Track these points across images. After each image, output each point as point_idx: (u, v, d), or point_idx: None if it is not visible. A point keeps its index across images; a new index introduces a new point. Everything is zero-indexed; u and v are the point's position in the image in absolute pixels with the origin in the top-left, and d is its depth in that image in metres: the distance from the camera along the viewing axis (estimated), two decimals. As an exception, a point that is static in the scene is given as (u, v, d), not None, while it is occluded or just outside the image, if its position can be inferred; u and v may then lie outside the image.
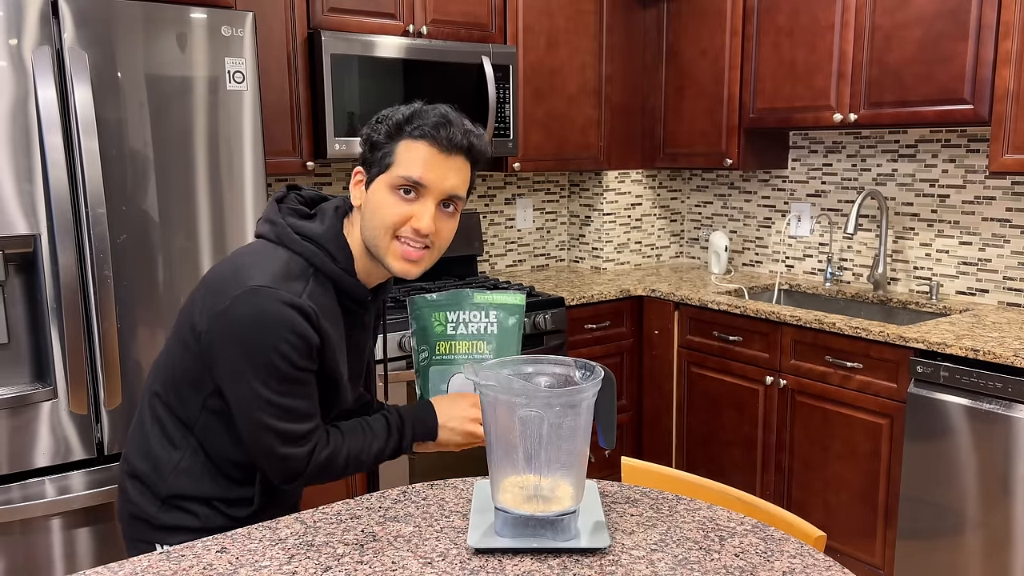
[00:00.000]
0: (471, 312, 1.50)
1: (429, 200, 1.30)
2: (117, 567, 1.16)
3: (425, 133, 1.29)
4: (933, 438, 2.47)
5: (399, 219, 1.30)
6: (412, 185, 1.29)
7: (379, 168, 1.32)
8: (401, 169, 1.29)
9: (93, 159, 2.05)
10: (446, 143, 1.29)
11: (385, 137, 1.31)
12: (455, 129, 1.31)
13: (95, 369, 2.15)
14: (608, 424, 1.32)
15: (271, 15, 2.69)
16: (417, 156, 1.29)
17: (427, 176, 1.29)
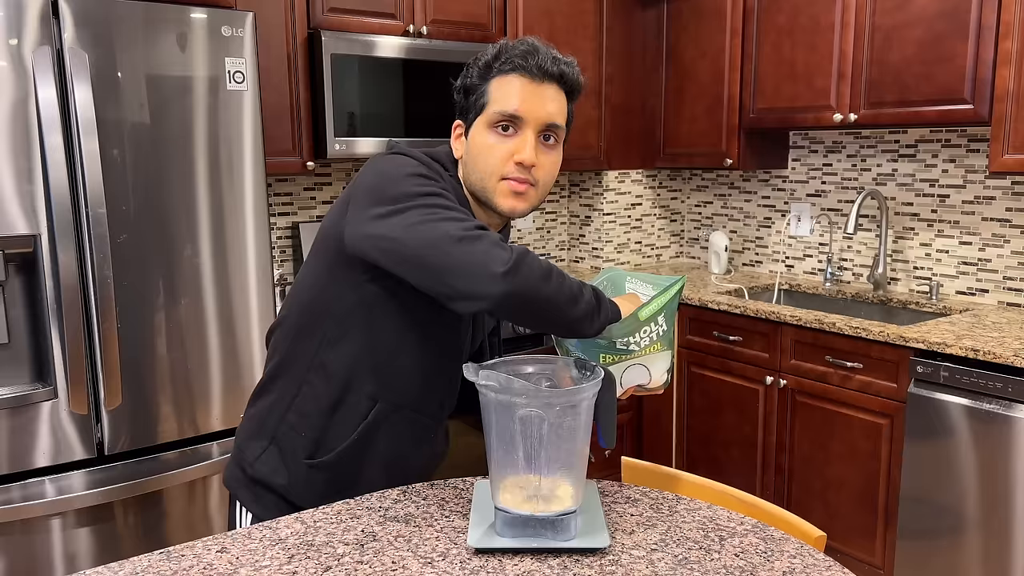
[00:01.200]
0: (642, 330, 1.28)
1: (528, 131, 1.29)
2: (117, 567, 1.16)
3: (515, 65, 1.28)
4: (933, 438, 2.47)
5: (502, 156, 1.29)
6: (509, 119, 1.28)
7: (475, 112, 1.32)
8: (496, 105, 1.29)
9: (93, 159, 2.05)
10: (537, 71, 1.28)
11: (477, 79, 1.32)
12: (543, 57, 1.29)
13: (95, 369, 2.15)
14: (608, 424, 1.32)
15: (271, 15, 2.69)
16: (511, 89, 1.28)
17: (523, 107, 1.28)
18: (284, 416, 1.39)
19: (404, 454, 1.43)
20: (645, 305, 1.28)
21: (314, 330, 1.35)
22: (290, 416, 1.38)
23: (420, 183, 1.23)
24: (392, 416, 1.38)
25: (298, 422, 1.38)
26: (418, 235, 1.18)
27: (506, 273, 1.13)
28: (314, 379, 1.36)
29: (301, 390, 1.37)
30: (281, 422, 1.39)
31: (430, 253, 1.17)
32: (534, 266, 1.17)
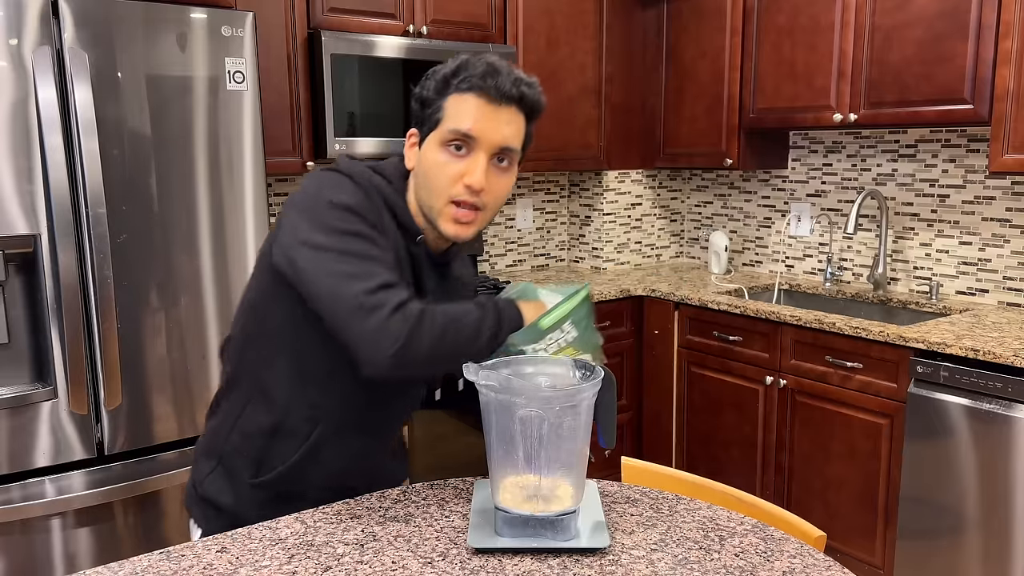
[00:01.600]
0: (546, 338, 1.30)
1: (481, 153, 1.26)
2: (117, 567, 1.16)
3: (473, 84, 1.25)
4: (933, 438, 2.47)
5: (452, 176, 1.26)
6: (462, 138, 1.25)
7: (429, 126, 1.28)
8: (450, 123, 1.25)
9: (93, 159, 2.05)
10: (495, 92, 1.24)
11: (434, 93, 1.28)
12: (503, 78, 1.25)
13: (95, 369, 2.15)
14: (608, 424, 1.32)
15: (271, 15, 2.69)
16: (467, 108, 1.25)
17: (477, 127, 1.24)
18: (228, 437, 1.37)
19: (350, 470, 1.41)
20: (547, 314, 1.29)
21: (254, 349, 1.34)
22: (234, 437, 1.37)
23: (347, 220, 1.20)
24: (334, 438, 1.36)
25: (241, 443, 1.36)
26: (326, 284, 1.18)
27: (395, 354, 1.15)
28: (256, 400, 1.35)
29: (244, 411, 1.36)
30: (226, 443, 1.37)
31: (333, 308, 1.18)
32: (428, 333, 1.17)
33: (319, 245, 1.19)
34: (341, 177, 1.26)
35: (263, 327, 1.33)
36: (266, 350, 1.33)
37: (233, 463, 1.37)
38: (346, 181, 1.26)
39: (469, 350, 1.22)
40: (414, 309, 1.17)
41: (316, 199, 1.22)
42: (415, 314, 1.17)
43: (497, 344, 1.26)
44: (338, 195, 1.22)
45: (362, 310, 1.15)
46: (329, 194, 1.22)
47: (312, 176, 1.28)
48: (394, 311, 1.16)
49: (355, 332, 1.16)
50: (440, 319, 1.19)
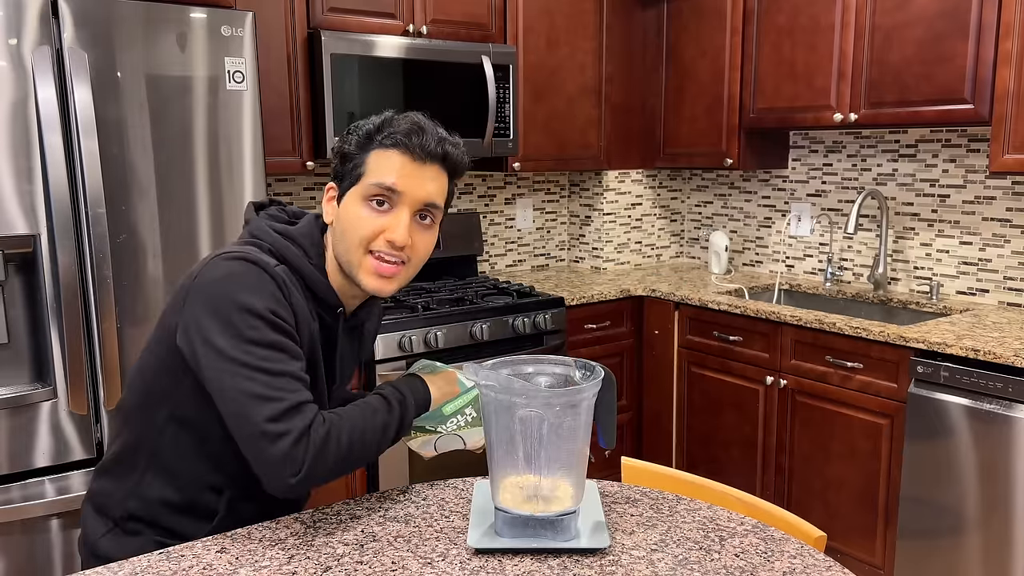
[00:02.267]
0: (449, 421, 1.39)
1: (404, 210, 1.25)
2: (117, 567, 1.16)
3: (397, 141, 1.24)
4: (933, 438, 2.47)
5: (372, 231, 1.25)
6: (385, 194, 1.24)
7: (350, 180, 1.27)
8: (373, 177, 1.24)
9: (93, 159, 2.05)
10: (419, 151, 1.25)
11: (356, 148, 1.27)
12: (428, 136, 1.26)
13: (95, 369, 2.15)
14: (608, 424, 1.32)
15: (271, 15, 2.69)
16: (389, 164, 1.24)
17: (400, 183, 1.24)
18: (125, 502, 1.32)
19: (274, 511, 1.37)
20: (450, 402, 1.38)
21: (150, 417, 1.30)
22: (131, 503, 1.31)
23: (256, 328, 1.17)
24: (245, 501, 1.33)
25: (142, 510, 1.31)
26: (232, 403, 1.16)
27: (296, 483, 1.15)
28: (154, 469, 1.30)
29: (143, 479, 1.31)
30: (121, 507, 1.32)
31: (237, 427, 1.17)
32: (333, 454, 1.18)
33: (227, 355, 1.16)
34: (251, 269, 1.20)
35: (161, 397, 1.28)
36: (163, 420, 1.29)
37: (133, 526, 1.32)
38: (258, 276, 1.20)
39: (374, 454, 1.26)
40: (318, 435, 1.16)
41: (225, 298, 1.18)
42: (319, 440, 1.16)
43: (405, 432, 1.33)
44: (248, 297, 1.18)
45: (266, 437, 1.14)
46: (239, 295, 1.18)
47: (219, 265, 1.21)
48: (298, 440, 1.14)
49: (258, 458, 1.15)
50: (346, 436, 1.20)
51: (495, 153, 3.16)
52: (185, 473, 1.30)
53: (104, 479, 1.36)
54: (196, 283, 1.21)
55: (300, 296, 1.28)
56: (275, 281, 1.22)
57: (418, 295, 3.05)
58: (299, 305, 1.26)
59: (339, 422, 1.20)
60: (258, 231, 1.30)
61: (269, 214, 1.35)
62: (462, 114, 3.04)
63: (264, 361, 1.17)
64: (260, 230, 1.30)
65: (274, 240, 1.29)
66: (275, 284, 1.22)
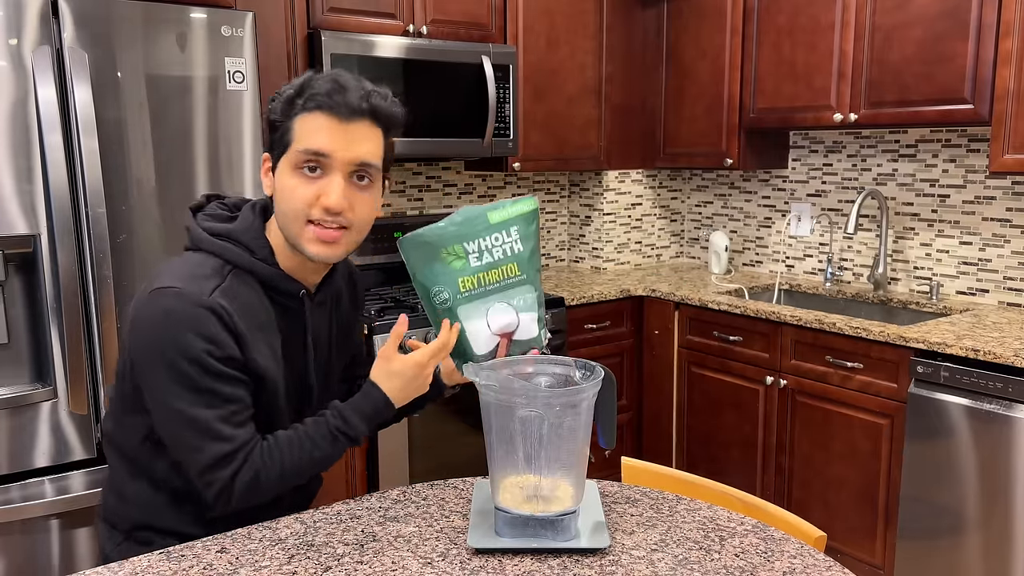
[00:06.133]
0: (492, 235, 1.27)
1: (336, 174, 1.20)
2: (117, 567, 1.16)
3: (319, 103, 1.19)
4: (933, 438, 2.47)
5: (307, 201, 1.21)
6: (314, 159, 1.20)
7: (280, 149, 1.23)
8: (300, 143, 1.20)
9: (93, 159, 2.05)
10: (344, 109, 1.19)
11: (280, 115, 1.22)
12: (351, 93, 1.20)
13: (95, 369, 2.15)
14: (608, 424, 1.32)
15: (271, 15, 2.69)
16: (315, 127, 1.19)
17: (328, 146, 1.19)
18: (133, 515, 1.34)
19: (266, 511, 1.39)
20: (495, 209, 1.26)
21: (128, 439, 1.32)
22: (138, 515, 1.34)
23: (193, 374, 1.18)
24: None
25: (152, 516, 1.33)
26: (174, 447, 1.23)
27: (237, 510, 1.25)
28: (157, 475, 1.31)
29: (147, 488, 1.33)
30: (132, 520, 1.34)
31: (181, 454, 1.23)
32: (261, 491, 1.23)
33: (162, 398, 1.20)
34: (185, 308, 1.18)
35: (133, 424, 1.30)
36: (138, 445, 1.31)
37: (143, 535, 1.33)
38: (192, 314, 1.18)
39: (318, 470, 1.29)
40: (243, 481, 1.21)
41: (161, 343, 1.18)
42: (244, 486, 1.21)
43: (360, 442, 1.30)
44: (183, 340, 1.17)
45: (200, 480, 1.22)
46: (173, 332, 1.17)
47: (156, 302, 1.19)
48: (222, 489, 1.21)
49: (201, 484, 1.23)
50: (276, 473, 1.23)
51: (495, 153, 3.16)
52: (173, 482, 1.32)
53: (108, 495, 1.38)
54: (135, 317, 1.22)
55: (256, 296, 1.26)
56: (213, 313, 1.19)
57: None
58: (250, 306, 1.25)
59: (269, 463, 1.23)
60: (198, 239, 1.28)
61: (207, 214, 1.32)
62: (462, 114, 3.04)
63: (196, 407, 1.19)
64: (199, 238, 1.28)
65: (213, 245, 1.26)
66: (213, 317, 1.19)
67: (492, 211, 1.27)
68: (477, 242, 1.27)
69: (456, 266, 1.28)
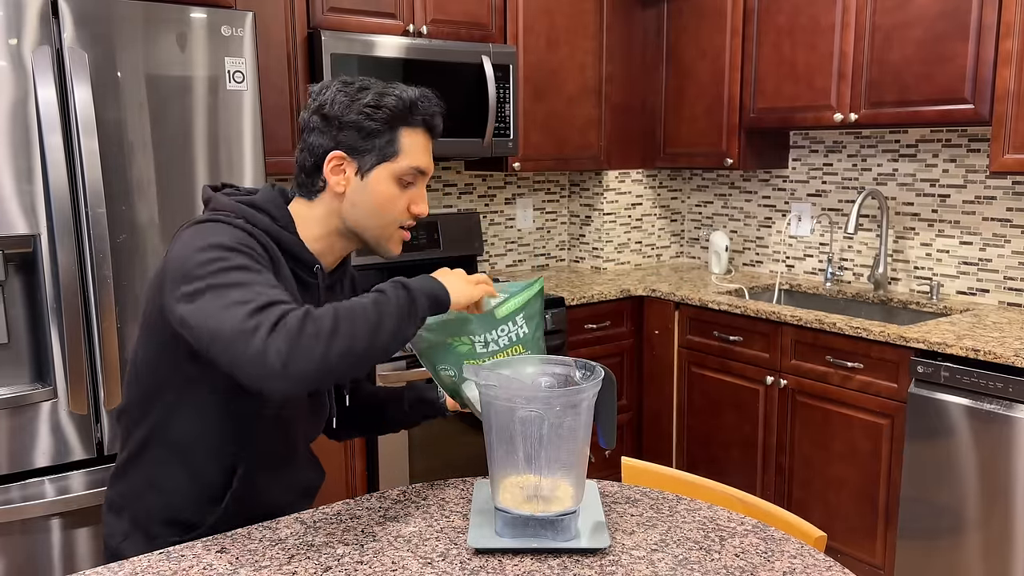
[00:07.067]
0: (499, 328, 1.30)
1: (423, 183, 1.35)
2: (117, 567, 1.16)
3: (427, 123, 1.32)
4: (933, 438, 2.47)
5: (405, 208, 1.34)
6: (419, 176, 1.33)
7: (380, 156, 1.28)
8: (409, 159, 1.31)
9: (93, 159, 2.05)
10: (438, 132, 1.35)
11: (383, 124, 1.28)
12: (439, 118, 1.35)
13: (95, 369, 2.15)
14: (608, 424, 1.32)
15: (271, 15, 2.69)
16: (420, 145, 1.32)
17: (429, 166, 1.34)
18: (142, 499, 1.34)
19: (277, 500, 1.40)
20: (503, 302, 1.30)
21: (154, 411, 1.31)
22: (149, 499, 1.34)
23: (218, 258, 1.16)
24: (253, 479, 1.34)
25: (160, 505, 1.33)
26: (208, 326, 1.11)
27: (282, 370, 1.07)
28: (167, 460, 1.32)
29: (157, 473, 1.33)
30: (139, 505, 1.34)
31: (218, 346, 1.11)
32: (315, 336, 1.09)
33: (195, 292, 1.14)
34: (216, 224, 1.24)
35: (160, 388, 1.30)
36: (166, 410, 1.30)
37: (151, 527, 1.33)
38: (220, 226, 1.23)
39: (377, 339, 1.14)
40: (294, 318, 1.09)
41: (186, 251, 1.19)
42: (296, 322, 1.09)
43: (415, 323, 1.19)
44: (216, 238, 1.20)
45: (242, 336, 1.08)
46: (198, 241, 1.19)
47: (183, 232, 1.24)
48: (273, 328, 1.08)
49: (241, 361, 1.09)
50: (329, 319, 1.11)
51: (495, 153, 3.16)
52: (196, 455, 1.31)
53: (119, 482, 1.37)
54: (169, 258, 1.22)
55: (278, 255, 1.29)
56: (247, 234, 1.24)
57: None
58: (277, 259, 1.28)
59: (321, 309, 1.14)
60: (221, 205, 1.30)
61: (226, 193, 1.36)
62: (462, 114, 3.04)
63: (229, 278, 1.14)
64: (223, 204, 1.30)
65: (238, 209, 1.28)
66: (246, 235, 1.23)
67: (499, 306, 1.30)
68: (483, 335, 1.30)
69: (462, 351, 1.31)
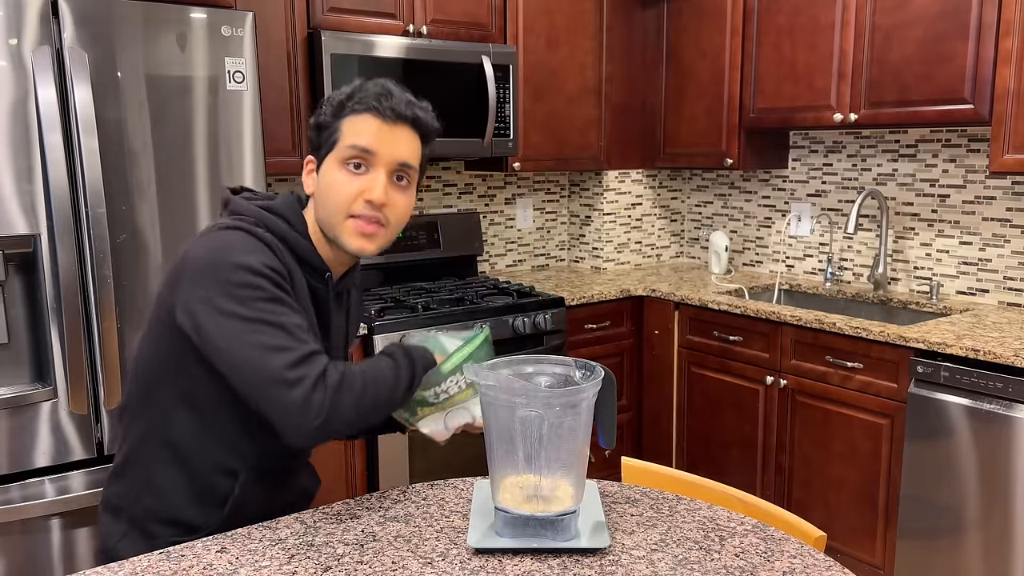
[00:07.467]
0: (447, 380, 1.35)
1: (380, 170, 1.29)
2: (117, 567, 1.16)
3: (368, 106, 1.29)
4: (933, 438, 2.47)
5: (352, 194, 1.28)
6: (361, 155, 1.28)
7: (327, 148, 1.31)
8: (348, 140, 1.28)
9: (93, 159, 2.05)
10: (390, 113, 1.29)
11: (330, 116, 1.31)
12: (397, 99, 1.30)
13: (95, 369, 2.15)
14: (608, 424, 1.32)
15: (271, 15, 2.69)
16: (364, 127, 1.28)
17: (374, 143, 1.28)
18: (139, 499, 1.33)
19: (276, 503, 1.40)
20: (447, 360, 1.34)
21: (157, 411, 1.31)
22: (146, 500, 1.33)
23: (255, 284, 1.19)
24: (255, 485, 1.35)
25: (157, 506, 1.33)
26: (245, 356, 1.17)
27: (319, 427, 1.16)
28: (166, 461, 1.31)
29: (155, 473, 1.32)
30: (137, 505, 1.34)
31: (252, 380, 1.17)
32: (349, 399, 1.19)
33: (233, 314, 1.17)
34: (241, 235, 1.25)
35: (166, 382, 1.30)
36: (169, 411, 1.30)
37: (149, 526, 1.33)
38: (248, 240, 1.25)
39: (390, 404, 1.26)
40: (334, 378, 1.18)
41: (222, 263, 1.20)
42: (335, 383, 1.18)
43: (414, 389, 1.30)
44: (242, 256, 1.21)
45: (284, 384, 1.15)
46: (236, 257, 1.20)
47: (211, 237, 1.25)
48: (315, 384, 1.16)
49: (277, 406, 1.16)
50: (359, 381, 1.21)
51: (495, 153, 3.16)
52: (197, 458, 1.31)
53: (117, 482, 1.37)
54: (190, 257, 1.23)
55: (294, 264, 1.32)
56: (268, 246, 1.26)
57: (418, 295, 3.05)
58: (294, 273, 1.31)
59: (350, 369, 1.22)
60: (240, 208, 1.34)
61: (245, 197, 1.39)
62: (462, 114, 3.04)
63: (270, 315, 1.19)
64: (242, 207, 1.34)
65: (257, 214, 1.32)
66: (268, 248, 1.26)
67: (444, 363, 1.34)
68: (433, 389, 1.34)
69: (416, 398, 1.34)
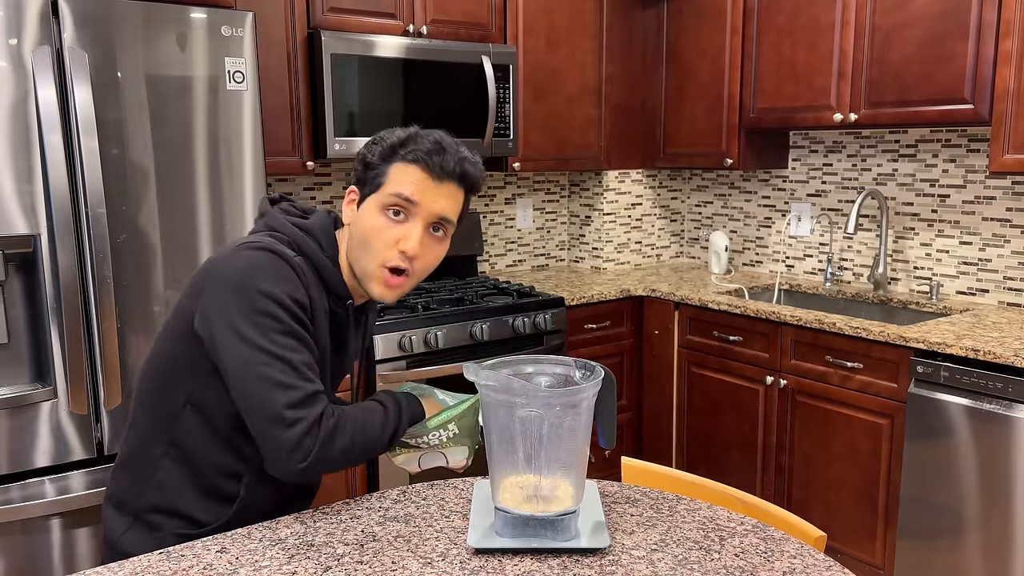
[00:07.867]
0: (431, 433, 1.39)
1: (418, 222, 1.30)
2: (117, 567, 1.16)
3: (418, 158, 1.29)
4: (933, 438, 2.47)
5: (388, 242, 1.30)
6: (402, 204, 1.29)
7: (371, 188, 1.32)
8: (392, 187, 1.29)
9: (93, 159, 2.05)
10: (438, 170, 1.30)
11: (379, 158, 1.32)
12: (448, 156, 1.31)
13: (95, 369, 2.15)
14: (608, 424, 1.32)
15: (271, 15, 2.69)
16: (409, 178, 1.29)
17: (417, 195, 1.29)
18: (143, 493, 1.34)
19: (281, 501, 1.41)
20: (436, 415, 1.39)
21: (166, 410, 1.32)
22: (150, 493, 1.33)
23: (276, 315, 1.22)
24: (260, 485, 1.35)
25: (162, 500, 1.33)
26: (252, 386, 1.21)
27: (302, 469, 1.21)
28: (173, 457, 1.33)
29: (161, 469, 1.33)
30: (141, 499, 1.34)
31: (253, 409, 1.21)
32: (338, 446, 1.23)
33: (247, 338, 1.21)
34: (271, 258, 1.26)
35: (177, 382, 1.31)
36: (179, 404, 1.31)
37: (153, 519, 1.34)
38: (278, 264, 1.26)
39: (374, 451, 1.31)
40: (328, 425, 1.22)
41: (248, 285, 1.22)
42: (328, 430, 1.22)
43: (398, 437, 1.35)
44: (270, 285, 1.23)
45: (282, 423, 1.20)
46: (261, 282, 1.23)
47: (241, 255, 1.26)
48: (310, 428, 1.20)
49: (270, 441, 1.21)
50: (350, 430, 1.25)
51: (495, 153, 3.16)
52: (202, 458, 1.32)
53: (122, 475, 1.38)
54: (216, 270, 1.25)
55: (316, 287, 1.33)
56: (295, 271, 1.27)
57: (418, 295, 3.05)
58: (315, 295, 1.32)
59: (345, 416, 1.26)
60: (275, 223, 1.35)
61: (283, 208, 1.40)
62: (462, 114, 3.04)
63: (284, 350, 1.22)
64: (277, 222, 1.35)
65: (291, 232, 1.33)
66: (295, 274, 1.27)
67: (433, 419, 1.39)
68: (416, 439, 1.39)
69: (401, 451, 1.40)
